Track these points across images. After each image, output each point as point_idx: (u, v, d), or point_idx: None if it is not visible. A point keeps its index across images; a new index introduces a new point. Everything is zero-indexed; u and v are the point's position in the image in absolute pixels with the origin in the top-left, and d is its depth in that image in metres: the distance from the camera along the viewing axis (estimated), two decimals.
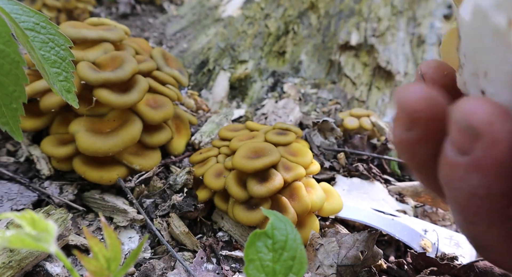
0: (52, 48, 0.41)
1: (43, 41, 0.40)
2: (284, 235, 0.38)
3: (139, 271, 0.60)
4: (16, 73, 0.38)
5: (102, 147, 0.68)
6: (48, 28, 0.41)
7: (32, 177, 0.74)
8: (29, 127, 0.74)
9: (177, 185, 0.74)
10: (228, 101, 1.18)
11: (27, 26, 0.40)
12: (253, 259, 0.37)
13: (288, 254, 0.37)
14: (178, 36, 1.39)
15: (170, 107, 0.79)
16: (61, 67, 0.41)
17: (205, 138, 0.89)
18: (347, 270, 0.61)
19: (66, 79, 0.42)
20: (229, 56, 1.27)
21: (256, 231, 0.39)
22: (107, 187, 0.74)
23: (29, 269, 0.57)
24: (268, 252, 0.38)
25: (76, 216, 0.70)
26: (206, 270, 0.63)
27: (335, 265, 0.61)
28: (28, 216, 0.41)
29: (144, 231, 0.69)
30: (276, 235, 0.39)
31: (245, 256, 0.38)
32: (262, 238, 0.38)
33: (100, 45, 0.80)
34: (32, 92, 0.71)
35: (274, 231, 0.39)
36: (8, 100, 0.38)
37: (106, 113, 0.76)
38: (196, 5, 1.50)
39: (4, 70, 0.38)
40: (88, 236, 0.40)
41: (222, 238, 0.70)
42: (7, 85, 0.38)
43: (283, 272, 0.37)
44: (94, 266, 0.40)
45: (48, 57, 0.41)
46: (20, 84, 0.39)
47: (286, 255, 0.37)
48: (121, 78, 0.72)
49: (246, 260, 0.38)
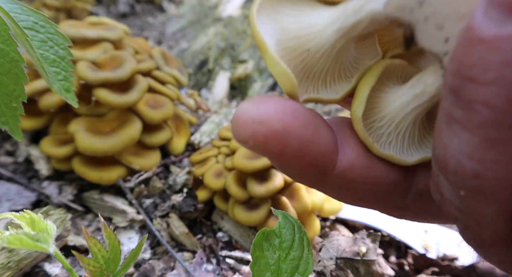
0: (51, 47, 0.40)
1: (42, 40, 0.40)
2: (291, 235, 0.39)
3: (139, 272, 0.60)
4: (16, 72, 0.38)
5: (101, 146, 0.68)
6: (47, 27, 0.41)
7: (31, 177, 0.74)
8: (28, 127, 0.74)
9: (176, 185, 0.74)
10: (228, 101, 1.18)
11: (26, 25, 0.39)
12: (260, 256, 0.37)
13: (295, 253, 0.37)
14: (178, 35, 1.39)
15: (170, 107, 0.78)
16: (60, 66, 0.41)
17: (205, 138, 0.88)
18: (347, 263, 0.61)
19: (65, 78, 0.41)
20: (229, 56, 1.27)
21: (264, 229, 0.39)
22: (106, 187, 0.74)
23: (28, 270, 0.56)
24: (275, 251, 0.38)
25: (75, 216, 0.69)
26: (205, 271, 0.63)
27: (334, 257, 0.61)
28: (27, 216, 0.41)
29: (143, 232, 0.69)
30: (284, 234, 0.39)
31: (252, 253, 0.38)
32: (270, 236, 0.38)
33: (99, 45, 0.79)
34: (31, 92, 0.71)
35: (282, 230, 0.39)
36: (8, 100, 0.38)
37: (106, 113, 0.76)
38: (196, 5, 1.50)
39: (3, 69, 0.37)
40: (87, 237, 0.40)
41: (222, 238, 0.70)
42: (7, 84, 0.38)
43: (289, 271, 0.37)
44: (93, 267, 0.40)
45: (47, 57, 0.40)
46: (20, 83, 0.38)
47: (293, 254, 0.37)
48: (120, 78, 0.72)
49: (252, 257, 0.38)
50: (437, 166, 0.24)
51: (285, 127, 0.25)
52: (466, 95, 0.20)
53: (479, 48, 0.18)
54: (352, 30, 0.25)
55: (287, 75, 0.26)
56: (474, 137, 0.20)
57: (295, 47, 0.27)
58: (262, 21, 0.27)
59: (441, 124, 0.22)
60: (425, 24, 0.22)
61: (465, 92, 0.20)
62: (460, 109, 0.20)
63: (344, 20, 0.25)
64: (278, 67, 0.26)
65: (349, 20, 0.25)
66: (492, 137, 0.19)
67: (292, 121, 0.25)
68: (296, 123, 0.25)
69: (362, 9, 0.24)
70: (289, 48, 0.27)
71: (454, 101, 0.20)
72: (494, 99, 0.19)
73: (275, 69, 0.26)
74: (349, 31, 0.25)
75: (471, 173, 0.21)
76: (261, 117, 0.24)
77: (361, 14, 0.24)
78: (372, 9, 0.23)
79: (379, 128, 0.29)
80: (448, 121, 0.21)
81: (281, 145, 0.25)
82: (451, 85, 0.20)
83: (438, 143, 0.23)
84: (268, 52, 0.26)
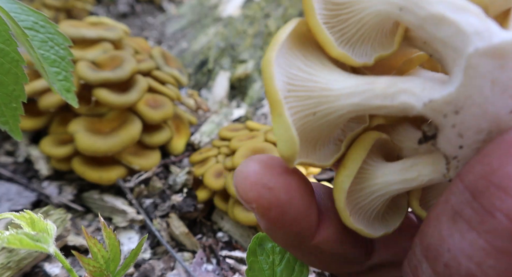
0: (52, 47, 0.40)
1: (42, 40, 0.40)
2: None
3: (139, 272, 0.60)
4: (16, 72, 0.38)
5: (101, 146, 0.68)
6: (48, 27, 0.41)
7: (31, 177, 0.74)
8: (28, 127, 0.74)
9: (176, 185, 0.74)
10: (228, 101, 1.18)
11: (26, 25, 0.39)
12: (254, 262, 0.37)
13: (289, 256, 0.37)
14: (178, 35, 1.39)
15: (170, 107, 0.78)
16: (60, 66, 0.41)
17: (205, 138, 0.88)
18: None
19: (65, 78, 0.41)
20: (229, 56, 1.27)
21: (258, 234, 0.38)
22: (106, 187, 0.74)
23: (28, 270, 0.56)
24: (269, 255, 0.37)
25: (75, 216, 0.69)
26: (205, 271, 0.63)
27: None
28: (27, 217, 0.41)
29: (143, 232, 0.69)
30: None
31: (247, 259, 0.37)
32: (264, 241, 0.38)
33: (99, 45, 0.79)
34: (31, 92, 0.71)
35: None
36: (8, 100, 0.38)
37: (106, 113, 0.76)
38: (196, 5, 1.50)
39: (3, 69, 0.37)
40: (87, 237, 0.40)
41: (222, 238, 0.70)
42: (7, 85, 0.38)
43: (285, 275, 0.36)
44: (93, 267, 0.40)
45: (47, 57, 0.40)
46: (20, 83, 0.38)
47: (288, 257, 0.37)
48: (120, 78, 0.72)
49: (248, 263, 0.37)
50: (424, 253, 0.24)
51: (289, 198, 0.26)
52: (488, 200, 0.20)
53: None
54: (372, 110, 0.25)
55: (293, 142, 0.25)
56: (480, 240, 0.21)
57: (302, 108, 0.26)
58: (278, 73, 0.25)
59: (441, 216, 0.23)
60: (450, 130, 0.23)
61: (488, 197, 0.20)
62: (474, 211, 0.21)
63: (367, 98, 0.24)
64: (288, 132, 0.24)
65: (374, 101, 0.24)
66: (500, 247, 0.20)
67: (295, 192, 0.26)
68: (297, 195, 0.26)
69: (395, 97, 0.24)
70: (296, 108, 0.25)
71: (468, 201, 0.21)
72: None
73: (283, 134, 0.25)
74: (368, 110, 0.25)
75: (465, 272, 0.21)
76: (271, 184, 0.25)
77: (392, 101, 0.24)
78: (408, 102, 0.24)
79: (355, 199, 0.29)
80: (454, 217, 0.22)
81: (280, 214, 0.26)
82: (472, 186, 0.21)
83: (433, 233, 0.23)
84: (283, 115, 0.24)
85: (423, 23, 0.23)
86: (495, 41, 0.21)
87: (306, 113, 0.26)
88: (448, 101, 0.23)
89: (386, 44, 0.28)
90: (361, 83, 0.25)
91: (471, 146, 0.23)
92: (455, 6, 0.22)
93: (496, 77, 0.22)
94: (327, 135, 0.28)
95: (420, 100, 0.23)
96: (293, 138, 0.24)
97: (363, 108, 0.25)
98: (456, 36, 0.22)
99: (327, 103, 0.25)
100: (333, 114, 0.26)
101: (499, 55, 0.21)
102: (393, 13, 0.24)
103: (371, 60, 0.28)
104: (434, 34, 0.23)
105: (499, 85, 0.22)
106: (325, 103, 0.25)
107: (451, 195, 0.23)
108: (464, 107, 0.22)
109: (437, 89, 0.23)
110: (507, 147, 0.21)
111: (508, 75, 0.22)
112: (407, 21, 0.24)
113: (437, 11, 0.22)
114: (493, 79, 0.22)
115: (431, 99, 0.23)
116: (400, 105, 0.24)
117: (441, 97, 0.23)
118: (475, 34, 0.22)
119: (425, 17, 0.23)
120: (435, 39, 0.23)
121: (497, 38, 0.21)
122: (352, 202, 0.29)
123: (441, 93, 0.23)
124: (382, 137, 0.29)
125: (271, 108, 0.25)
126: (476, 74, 0.22)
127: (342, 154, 0.29)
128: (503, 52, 0.21)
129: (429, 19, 0.23)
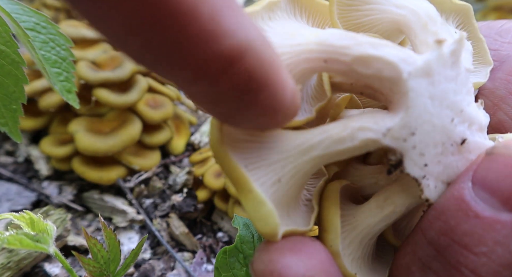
0: (53, 48, 0.41)
1: (43, 41, 0.40)
2: (251, 249, 0.36)
3: (139, 272, 0.60)
4: (16, 74, 0.38)
5: (101, 146, 0.68)
6: (49, 28, 0.41)
7: (31, 177, 0.74)
8: (28, 127, 0.74)
9: (176, 185, 0.74)
10: None
11: (27, 26, 0.39)
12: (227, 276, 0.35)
13: None
14: None
15: (170, 107, 0.78)
16: (61, 67, 0.41)
17: (205, 138, 0.88)
18: None
19: (66, 79, 0.41)
20: None
21: (225, 248, 0.36)
22: (106, 187, 0.74)
23: (28, 270, 0.57)
24: (242, 267, 0.36)
25: (75, 216, 0.69)
26: (205, 271, 0.63)
27: None
28: (27, 217, 0.41)
29: (143, 232, 0.69)
30: (245, 249, 0.36)
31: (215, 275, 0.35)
32: (233, 253, 0.36)
33: (99, 45, 0.79)
34: (31, 92, 0.71)
35: (242, 246, 0.36)
36: (8, 101, 0.38)
37: (106, 113, 0.76)
38: None
39: (4, 71, 0.37)
40: (87, 237, 0.40)
41: (222, 238, 0.70)
42: (7, 86, 0.38)
43: None
44: (93, 267, 0.40)
45: (48, 57, 0.40)
46: (20, 85, 0.38)
47: None
48: (120, 78, 0.72)
49: None
50: None
51: None
52: (453, 256, 0.22)
53: (475, 222, 0.21)
54: (334, 157, 0.25)
55: (271, 216, 0.23)
56: None
57: (266, 178, 0.24)
58: (231, 150, 0.24)
59: (411, 266, 0.24)
60: (413, 151, 0.24)
61: (453, 254, 0.22)
62: (441, 265, 0.22)
63: (327, 147, 0.24)
64: (264, 207, 0.23)
65: (335, 147, 0.24)
66: None
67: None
68: None
69: (354, 137, 0.24)
70: (260, 179, 0.24)
71: (434, 256, 0.22)
72: (482, 269, 0.21)
73: (259, 211, 0.23)
74: (331, 158, 0.25)
75: None
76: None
77: (353, 142, 0.24)
78: (368, 138, 0.24)
79: (349, 255, 0.28)
80: (422, 268, 0.23)
81: None
82: (435, 242, 0.22)
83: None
84: (254, 191, 0.23)
85: (352, 67, 0.24)
86: (420, 64, 0.24)
87: (272, 181, 0.25)
88: (403, 125, 0.24)
89: (319, 96, 0.29)
90: (314, 136, 0.25)
91: (433, 161, 0.25)
92: (372, 44, 0.24)
93: (432, 93, 0.24)
94: (296, 198, 0.27)
95: (378, 132, 0.24)
96: (270, 212, 0.23)
97: (326, 158, 0.25)
98: (386, 68, 0.24)
99: (286, 166, 0.25)
100: (298, 174, 0.25)
101: (426, 73, 0.24)
102: (319, 67, 0.25)
103: (313, 114, 0.28)
104: (365, 73, 0.24)
105: (436, 99, 0.24)
106: (287, 165, 0.25)
107: (417, 247, 0.24)
108: (418, 127, 0.24)
109: (387, 119, 0.24)
110: (458, 203, 0.22)
111: (440, 89, 0.24)
112: (335, 69, 0.25)
113: (360, 53, 0.24)
114: (430, 95, 0.24)
115: (388, 128, 0.24)
116: (361, 143, 0.24)
117: (395, 124, 0.24)
118: (401, 62, 0.24)
119: (351, 61, 0.24)
120: (368, 78, 0.25)
121: (420, 61, 0.24)
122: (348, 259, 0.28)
123: (393, 120, 0.24)
124: (343, 184, 0.28)
125: (237, 187, 0.24)
126: (417, 94, 0.24)
127: (317, 214, 0.28)
128: (428, 71, 0.24)
129: (356, 61, 0.24)
